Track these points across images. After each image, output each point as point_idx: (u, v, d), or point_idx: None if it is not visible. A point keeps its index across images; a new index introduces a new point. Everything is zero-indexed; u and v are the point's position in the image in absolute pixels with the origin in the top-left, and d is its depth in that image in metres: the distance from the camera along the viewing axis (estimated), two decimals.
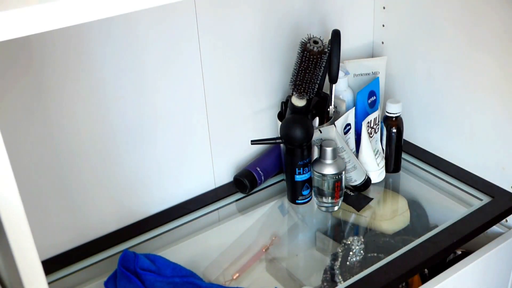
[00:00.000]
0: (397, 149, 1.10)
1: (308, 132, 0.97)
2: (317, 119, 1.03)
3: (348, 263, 0.92)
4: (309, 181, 1.02)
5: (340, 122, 1.02)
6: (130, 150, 0.95)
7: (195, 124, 1.02)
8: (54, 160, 0.88)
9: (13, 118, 0.82)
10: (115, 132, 0.92)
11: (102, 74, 0.87)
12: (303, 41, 0.96)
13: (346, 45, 1.14)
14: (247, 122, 1.09)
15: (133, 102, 0.92)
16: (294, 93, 0.99)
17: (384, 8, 1.16)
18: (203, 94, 1.00)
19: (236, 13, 0.99)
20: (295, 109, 1.01)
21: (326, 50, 0.96)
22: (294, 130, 0.97)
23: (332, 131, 0.98)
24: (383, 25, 1.18)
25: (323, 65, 0.98)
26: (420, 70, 1.12)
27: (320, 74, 0.99)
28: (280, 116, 1.06)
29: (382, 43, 1.19)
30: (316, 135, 1.00)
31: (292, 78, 0.99)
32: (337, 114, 1.06)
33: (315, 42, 0.95)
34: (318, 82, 0.99)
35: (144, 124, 0.95)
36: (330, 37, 1.00)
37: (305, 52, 0.95)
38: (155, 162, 0.99)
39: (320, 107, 1.05)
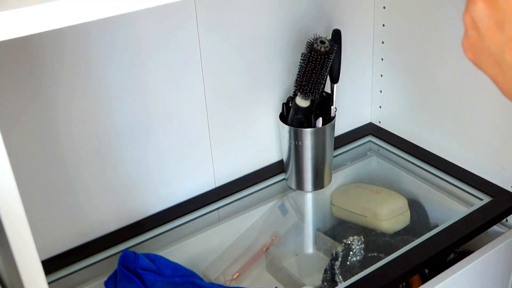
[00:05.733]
0: None
1: None
2: (320, 119, 1.02)
3: (348, 263, 0.92)
4: None
5: None
6: (130, 149, 0.95)
7: (196, 123, 1.01)
8: (54, 160, 0.88)
9: (13, 118, 0.82)
10: (115, 132, 0.92)
11: (102, 74, 0.87)
12: (309, 41, 0.94)
13: (346, 45, 1.14)
14: (248, 122, 1.09)
15: (133, 102, 0.92)
16: (299, 93, 0.98)
17: (384, 8, 1.16)
18: (203, 94, 1.00)
19: (237, 13, 0.99)
20: (299, 109, 1.01)
21: (334, 50, 0.95)
22: None
23: None
24: (383, 25, 1.17)
25: (329, 65, 0.97)
26: (420, 70, 1.12)
27: (326, 74, 0.98)
28: (282, 116, 1.06)
29: (382, 42, 1.19)
30: None
31: (297, 79, 0.98)
32: None
33: (322, 42, 0.93)
34: (323, 82, 0.98)
35: (144, 124, 0.95)
36: (330, 37, 1.00)
37: (312, 53, 0.93)
38: (155, 162, 0.99)
39: (323, 107, 1.05)
